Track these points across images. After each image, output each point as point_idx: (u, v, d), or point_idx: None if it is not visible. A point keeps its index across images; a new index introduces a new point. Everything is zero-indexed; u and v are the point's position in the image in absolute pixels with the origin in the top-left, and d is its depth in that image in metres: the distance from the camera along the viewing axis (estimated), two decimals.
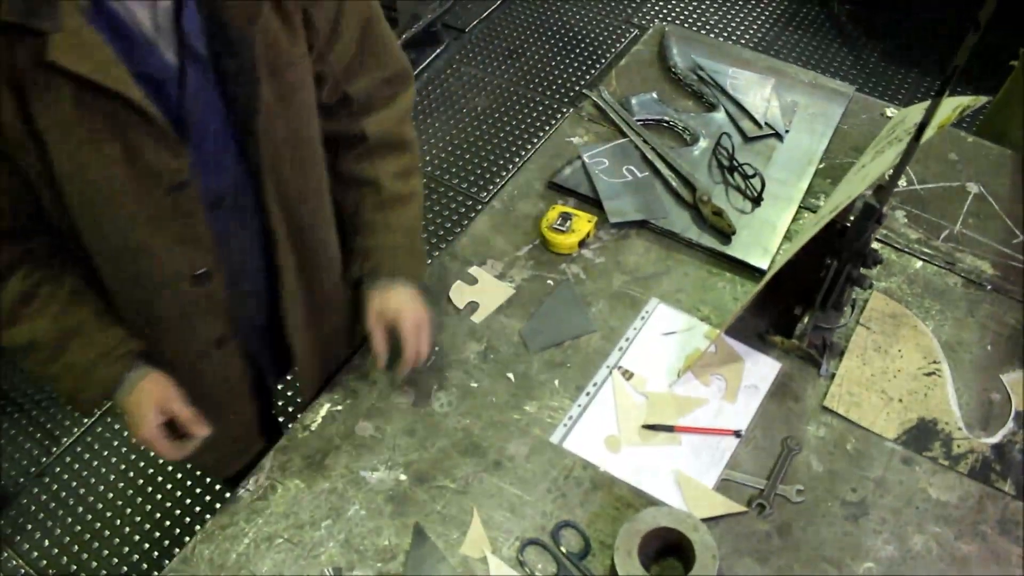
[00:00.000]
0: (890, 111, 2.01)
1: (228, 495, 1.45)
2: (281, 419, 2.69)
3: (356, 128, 1.42)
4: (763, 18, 4.09)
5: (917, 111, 1.62)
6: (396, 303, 1.46)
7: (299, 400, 2.85)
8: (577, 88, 3.78)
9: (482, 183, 3.45)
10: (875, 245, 1.71)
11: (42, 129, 1.06)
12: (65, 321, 1.28)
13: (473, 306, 1.66)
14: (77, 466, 2.75)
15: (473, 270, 1.71)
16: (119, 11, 1.04)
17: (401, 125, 1.47)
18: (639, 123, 1.97)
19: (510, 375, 1.56)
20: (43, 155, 1.09)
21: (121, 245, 1.22)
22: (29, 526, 2.62)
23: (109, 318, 1.33)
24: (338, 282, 1.54)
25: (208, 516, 1.38)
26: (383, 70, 1.40)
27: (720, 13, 4.10)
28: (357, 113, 1.41)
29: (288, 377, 1.73)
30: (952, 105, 1.43)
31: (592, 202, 1.82)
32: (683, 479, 1.42)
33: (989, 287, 1.68)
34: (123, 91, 1.05)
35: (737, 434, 1.48)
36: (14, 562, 2.54)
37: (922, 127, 1.23)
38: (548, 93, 3.78)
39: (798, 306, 1.56)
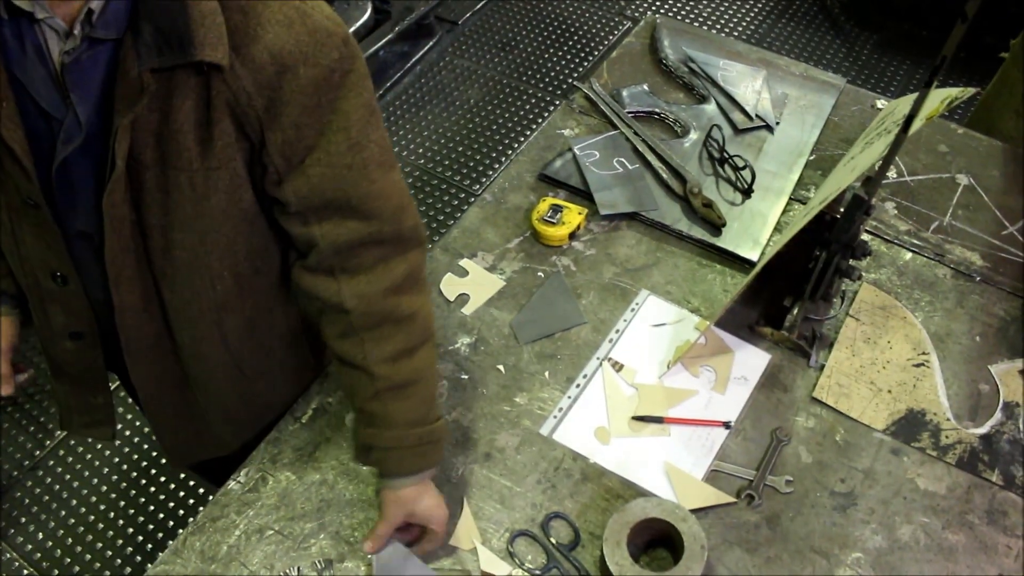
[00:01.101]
0: (881, 103, 2.02)
1: (219, 488, 1.45)
2: None
3: (331, 295, 1.23)
4: (755, 10, 4.09)
5: (906, 103, 1.63)
6: (422, 507, 1.31)
7: None
8: (569, 81, 3.78)
9: (474, 175, 3.45)
10: (865, 237, 1.71)
11: None
12: None
13: (464, 298, 1.66)
14: (70, 459, 2.75)
15: (464, 262, 1.71)
16: (37, 33, 1.02)
17: (393, 297, 1.24)
18: (630, 115, 1.97)
19: (500, 367, 1.57)
20: None
21: None
22: (23, 519, 2.62)
23: None
24: (225, 389, 1.44)
25: (200, 509, 1.39)
26: (369, 225, 1.20)
27: (712, 5, 4.10)
28: (336, 272, 1.23)
29: None
30: (940, 96, 1.43)
31: (583, 194, 1.82)
32: (672, 470, 1.43)
33: (978, 278, 1.69)
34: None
35: (726, 425, 1.48)
36: (8, 555, 2.54)
37: (910, 118, 1.23)
38: (540, 85, 3.78)
39: (788, 297, 1.56)
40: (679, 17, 4.03)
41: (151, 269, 1.23)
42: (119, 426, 2.81)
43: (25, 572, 2.51)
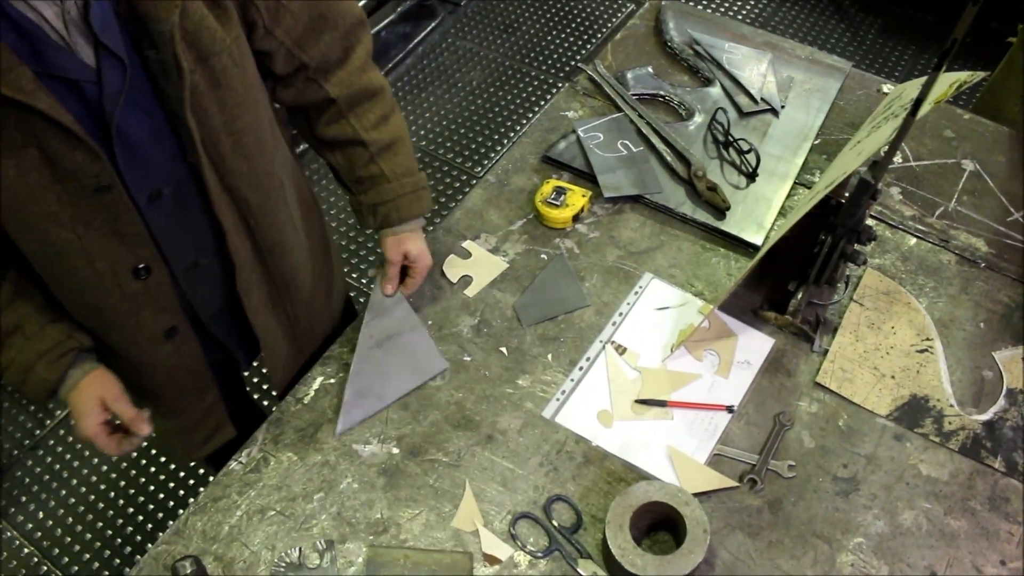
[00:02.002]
0: (887, 87, 2.01)
1: (219, 471, 1.45)
2: (267, 402, 2.70)
3: (318, 93, 1.41)
4: None
5: (913, 86, 1.62)
6: (415, 248, 1.54)
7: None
8: (573, 63, 3.76)
9: (476, 157, 3.44)
10: (869, 222, 1.70)
11: None
12: (7, 317, 1.28)
13: (466, 280, 1.65)
14: (71, 439, 2.75)
15: (467, 244, 1.70)
16: (25, 12, 1.02)
17: (363, 75, 1.44)
18: (634, 98, 1.96)
19: (503, 349, 1.56)
20: None
21: (48, 246, 1.20)
22: (23, 498, 2.63)
23: (53, 314, 1.32)
24: (300, 262, 1.53)
25: (201, 489, 1.39)
26: (336, 29, 1.37)
27: None
28: (315, 76, 1.39)
29: (255, 364, 1.73)
30: (949, 80, 1.42)
31: (586, 176, 1.81)
32: (675, 454, 1.43)
33: (983, 265, 1.68)
34: (26, 100, 1.02)
35: (729, 409, 1.48)
36: (8, 533, 2.55)
37: (918, 101, 1.22)
38: (543, 67, 3.76)
39: (792, 282, 1.56)
40: None
41: (231, 178, 1.29)
42: None
43: (25, 551, 2.51)
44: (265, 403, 2.76)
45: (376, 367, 1.52)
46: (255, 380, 2.84)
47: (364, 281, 3.07)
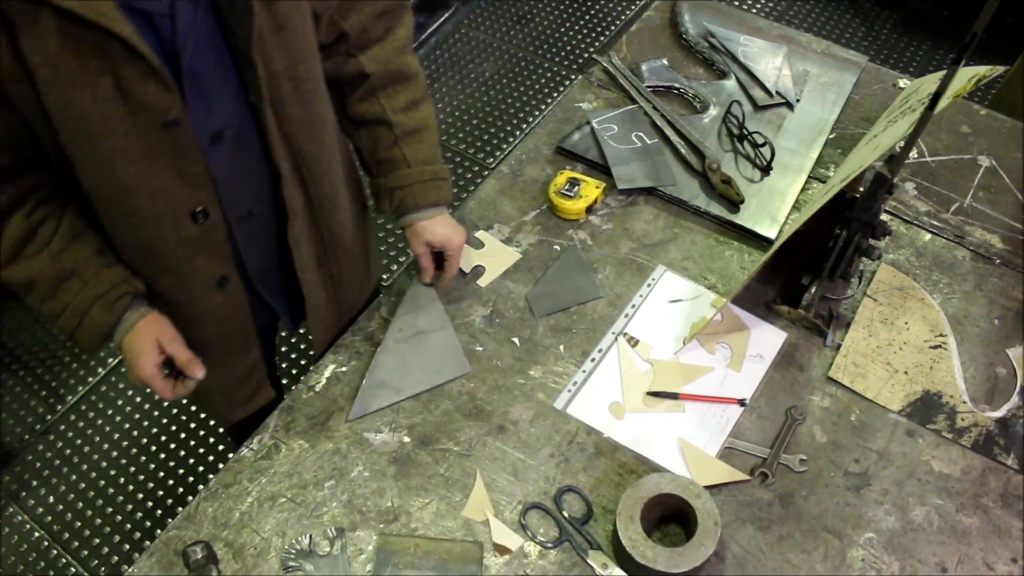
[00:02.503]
0: (903, 82, 2.00)
1: (231, 455, 1.45)
2: (291, 376, 2.71)
3: (355, 67, 1.43)
4: None
5: (931, 81, 1.61)
6: (442, 230, 1.54)
7: (310, 352, 2.86)
8: (587, 54, 3.76)
9: (489, 149, 3.44)
10: (884, 217, 1.70)
11: (32, 65, 1.05)
12: (63, 261, 1.28)
13: (479, 270, 1.65)
14: (81, 424, 2.76)
15: (480, 234, 1.70)
16: None
17: (400, 57, 1.47)
18: (649, 90, 1.96)
19: (515, 340, 1.56)
20: (35, 90, 1.08)
21: (115, 181, 1.20)
22: (34, 483, 2.64)
23: (109, 258, 1.33)
24: (346, 221, 1.55)
25: (211, 476, 1.39)
26: (375, 3, 1.39)
27: None
28: (353, 50, 1.42)
29: (301, 331, 1.73)
30: (968, 75, 1.41)
31: (600, 168, 1.81)
32: (687, 446, 1.42)
33: (998, 261, 1.67)
34: (109, 25, 1.03)
35: (741, 403, 1.48)
36: (19, 517, 2.56)
37: (937, 96, 1.22)
38: (557, 59, 3.75)
39: (805, 276, 1.55)
40: None
41: (289, 123, 1.30)
42: (130, 393, 2.82)
43: (36, 535, 2.53)
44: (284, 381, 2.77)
45: (399, 361, 1.53)
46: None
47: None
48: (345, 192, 1.52)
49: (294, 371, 2.81)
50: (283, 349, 2.86)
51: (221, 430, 2.73)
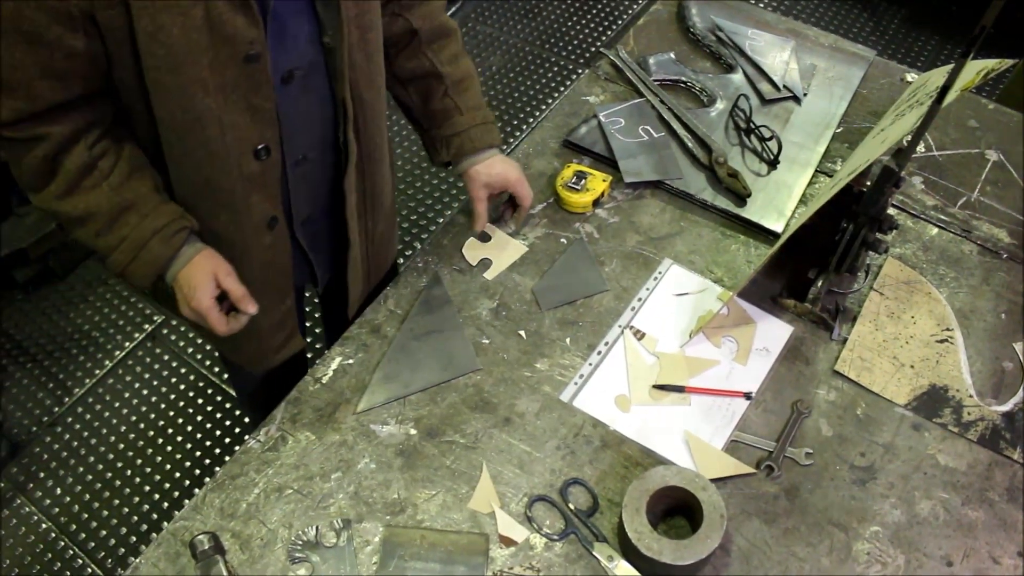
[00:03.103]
0: (910, 76, 1.99)
1: (238, 448, 1.46)
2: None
3: (404, 25, 1.52)
4: None
5: (939, 74, 1.61)
6: (498, 169, 1.62)
7: (316, 345, 2.87)
8: (593, 48, 3.75)
9: None
10: (891, 211, 1.70)
11: None
12: (122, 194, 1.30)
13: (486, 263, 1.65)
14: (88, 416, 2.77)
15: (487, 227, 1.70)
16: None
17: (442, 14, 1.57)
18: (656, 83, 1.96)
19: (522, 332, 1.56)
20: (128, 13, 1.11)
21: (190, 112, 1.23)
22: (41, 475, 2.65)
23: (165, 195, 1.35)
24: (386, 175, 1.62)
25: (218, 468, 1.40)
26: None
27: None
28: (401, 12, 1.51)
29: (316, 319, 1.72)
30: (976, 68, 1.41)
31: (607, 161, 1.81)
32: (692, 439, 1.43)
33: (1005, 255, 1.67)
34: None
35: (747, 396, 1.48)
36: (27, 509, 2.57)
37: (945, 89, 1.21)
38: (564, 53, 3.75)
39: (812, 270, 1.55)
40: None
41: (353, 70, 1.36)
42: (137, 385, 2.83)
43: (43, 526, 2.54)
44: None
45: (410, 357, 1.54)
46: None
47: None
48: (386, 147, 1.58)
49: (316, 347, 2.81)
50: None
51: (228, 422, 2.74)
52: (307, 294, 2.79)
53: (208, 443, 2.70)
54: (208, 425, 2.74)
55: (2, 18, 1.09)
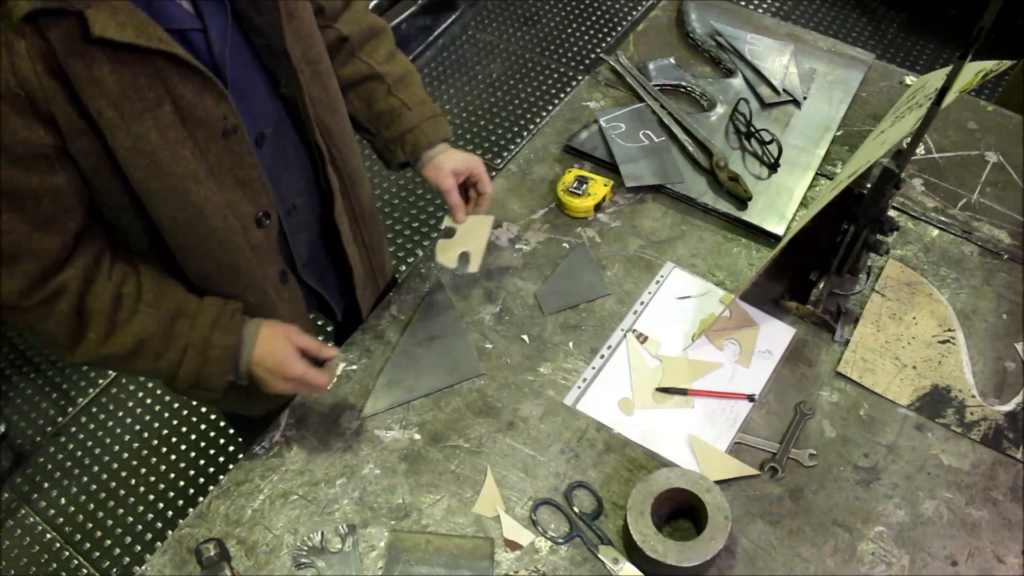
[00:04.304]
0: (909, 79, 2.00)
1: (241, 455, 1.46)
2: None
3: (333, 34, 1.48)
4: None
5: (938, 76, 1.62)
6: (459, 156, 1.58)
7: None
8: (593, 55, 3.76)
9: (496, 150, 3.44)
10: (892, 213, 1.71)
11: (96, 111, 1.05)
12: (163, 306, 1.26)
13: (464, 257, 1.61)
14: (92, 426, 2.77)
15: (446, 220, 1.63)
16: None
17: (367, 15, 1.54)
18: (656, 88, 1.96)
19: (524, 337, 1.57)
20: (99, 138, 1.08)
21: (189, 208, 1.20)
22: (46, 484, 2.65)
23: (195, 291, 1.32)
24: (368, 190, 1.58)
25: (221, 476, 1.39)
26: None
27: None
28: (328, 21, 1.47)
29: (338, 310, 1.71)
30: (975, 69, 1.42)
31: (608, 166, 1.82)
32: (696, 442, 1.43)
33: (1006, 256, 1.67)
34: (168, 48, 1.05)
35: (750, 398, 1.48)
36: (31, 519, 2.57)
37: (944, 90, 1.22)
38: (564, 60, 3.76)
39: (813, 272, 1.56)
40: None
41: (315, 106, 1.34)
42: (140, 395, 2.84)
43: (48, 536, 2.54)
44: None
45: (413, 363, 1.54)
46: None
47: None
48: (360, 162, 1.56)
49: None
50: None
51: (231, 431, 2.74)
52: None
53: (212, 451, 2.70)
54: (212, 433, 2.74)
55: None
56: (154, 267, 1.30)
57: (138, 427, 2.76)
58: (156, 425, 2.76)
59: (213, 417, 2.77)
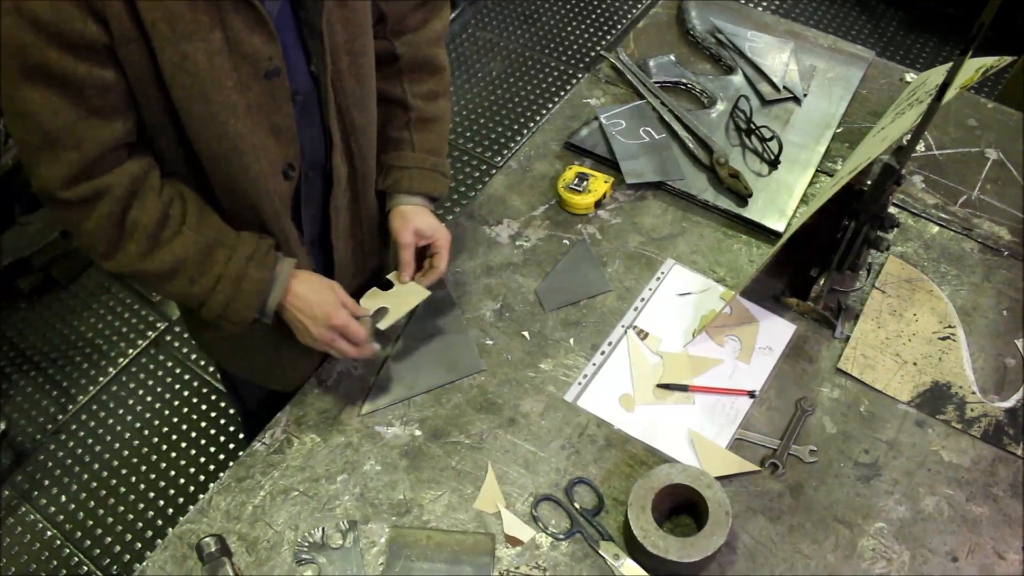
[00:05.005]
0: (909, 76, 2.00)
1: (241, 453, 1.46)
2: None
3: (386, 47, 1.45)
4: None
5: (938, 73, 1.62)
6: (431, 221, 1.52)
7: None
8: (593, 53, 3.76)
9: (496, 148, 3.44)
10: (892, 210, 1.71)
11: (150, 21, 1.07)
12: (204, 233, 1.28)
13: (381, 312, 1.50)
14: (93, 424, 2.77)
15: (391, 275, 1.55)
16: None
17: (432, 48, 1.50)
18: (657, 85, 1.96)
19: (525, 333, 1.57)
20: (149, 50, 1.10)
21: (226, 139, 1.21)
22: (46, 482, 2.65)
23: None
24: (374, 198, 1.55)
25: (222, 474, 1.40)
26: None
27: None
28: (391, 33, 1.45)
29: None
30: (975, 65, 1.42)
31: (609, 163, 1.82)
32: (697, 438, 1.43)
33: (1006, 253, 1.68)
34: None
35: (751, 394, 1.48)
36: (32, 516, 2.57)
37: (945, 86, 1.22)
38: (564, 58, 3.76)
39: (814, 268, 1.56)
40: None
41: (343, 96, 1.33)
42: (141, 392, 2.84)
43: (48, 534, 2.54)
44: None
45: (414, 359, 1.54)
46: None
47: None
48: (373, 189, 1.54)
49: None
50: None
51: (232, 428, 2.74)
52: None
53: (212, 448, 2.70)
54: (212, 431, 2.74)
55: (29, 66, 1.07)
56: (195, 193, 1.31)
57: (138, 424, 2.76)
58: (157, 422, 2.76)
59: (214, 414, 2.78)
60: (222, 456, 2.69)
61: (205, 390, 2.84)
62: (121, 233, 1.23)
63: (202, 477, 2.64)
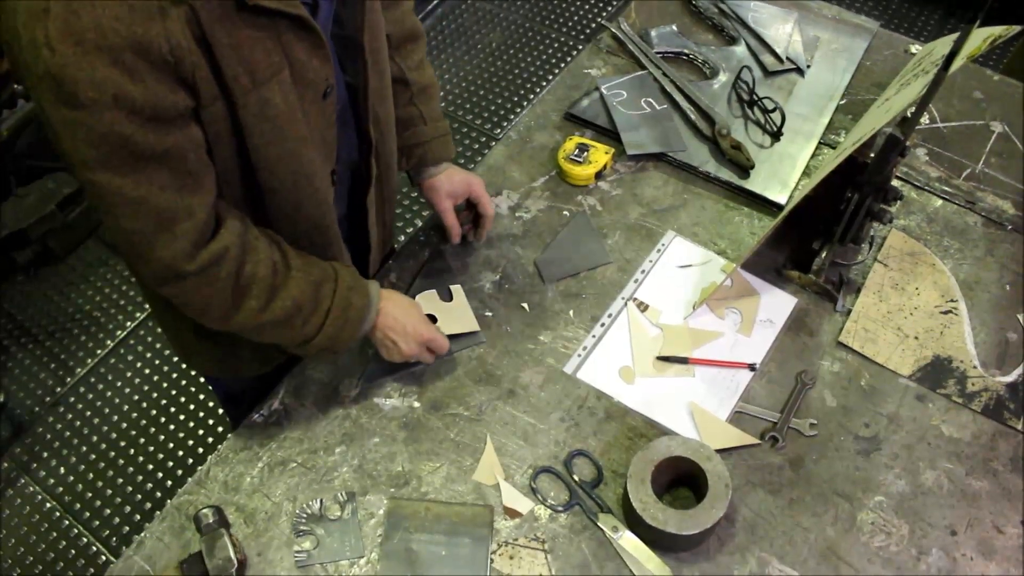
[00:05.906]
0: (915, 47, 1.98)
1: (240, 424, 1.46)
2: None
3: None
4: None
5: (944, 43, 1.60)
6: (459, 177, 1.59)
7: None
8: (593, 25, 3.73)
9: (496, 119, 3.42)
10: (895, 183, 1.69)
11: (230, 77, 1.06)
12: (311, 272, 1.28)
13: (431, 319, 1.51)
14: (91, 396, 2.77)
15: (451, 287, 1.60)
16: None
17: (410, 17, 1.52)
18: (658, 56, 1.94)
19: (524, 305, 1.56)
20: (228, 104, 1.09)
21: (298, 172, 1.22)
22: (45, 454, 2.65)
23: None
24: (397, 181, 1.57)
25: (219, 446, 1.40)
26: None
27: None
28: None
29: None
30: (984, 34, 1.40)
31: (610, 134, 1.80)
32: (697, 411, 1.42)
33: (1009, 227, 1.66)
34: (294, 10, 1.07)
35: (752, 367, 1.47)
36: (31, 488, 2.57)
37: (951, 56, 1.20)
38: (564, 28, 3.72)
39: (816, 241, 1.55)
40: None
41: (371, 94, 1.34)
42: (139, 365, 2.83)
43: (47, 505, 2.54)
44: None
45: None
46: None
47: None
48: (395, 148, 1.54)
49: None
50: None
51: (221, 410, 2.74)
52: None
53: (210, 421, 2.70)
54: (210, 403, 2.74)
55: (135, 153, 1.04)
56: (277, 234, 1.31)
57: (136, 397, 2.76)
58: (154, 395, 2.76)
59: (210, 388, 2.77)
60: (220, 428, 2.69)
61: None
62: (240, 291, 1.21)
63: (200, 449, 2.64)
